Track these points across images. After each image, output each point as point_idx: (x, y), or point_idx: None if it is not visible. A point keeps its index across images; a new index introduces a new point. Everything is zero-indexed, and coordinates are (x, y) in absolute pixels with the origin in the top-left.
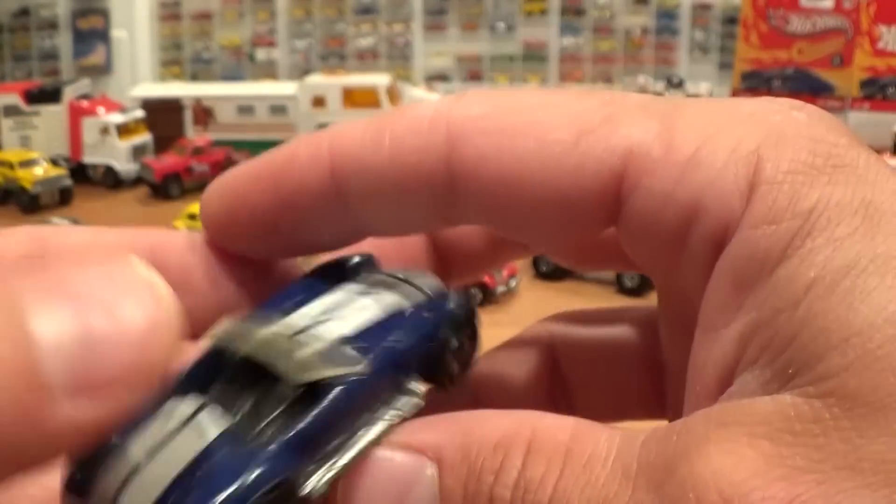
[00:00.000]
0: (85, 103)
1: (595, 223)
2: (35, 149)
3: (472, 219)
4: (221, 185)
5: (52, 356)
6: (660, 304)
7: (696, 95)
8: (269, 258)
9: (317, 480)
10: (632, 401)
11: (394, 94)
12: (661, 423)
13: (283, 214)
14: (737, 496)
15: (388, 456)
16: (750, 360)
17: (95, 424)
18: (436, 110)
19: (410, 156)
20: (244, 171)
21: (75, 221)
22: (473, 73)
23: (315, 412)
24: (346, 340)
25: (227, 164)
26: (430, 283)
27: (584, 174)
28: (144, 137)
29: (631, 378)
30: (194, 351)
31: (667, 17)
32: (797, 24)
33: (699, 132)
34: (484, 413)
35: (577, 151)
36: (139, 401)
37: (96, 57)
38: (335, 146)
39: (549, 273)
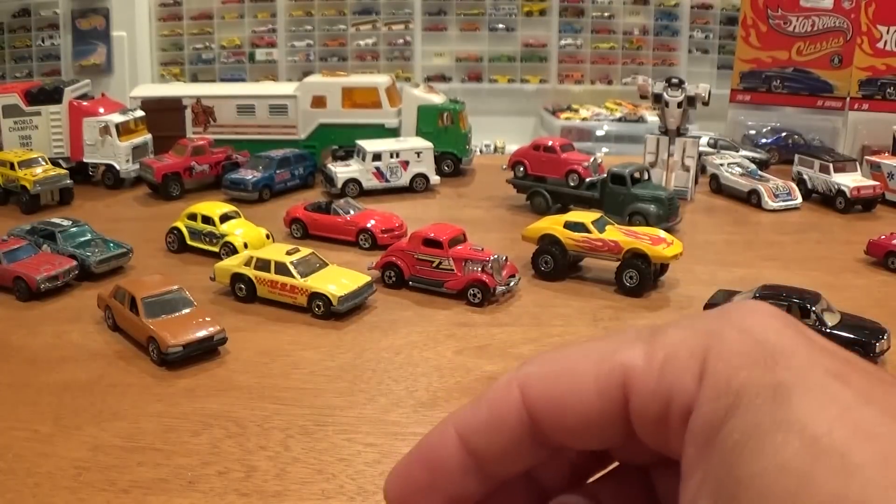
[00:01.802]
0: (85, 103)
1: (619, 424)
2: (35, 149)
3: (550, 439)
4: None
5: None
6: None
7: (695, 95)
8: None
9: None
10: None
11: (393, 94)
12: None
13: (443, 491)
14: None
15: None
16: (703, 499)
17: None
18: (510, 375)
19: (502, 410)
20: (404, 474)
21: (75, 221)
22: (473, 73)
23: None
24: None
25: (227, 163)
26: None
27: (603, 394)
28: (144, 137)
29: None
30: None
31: (667, 18)
32: (797, 24)
33: (669, 346)
34: None
35: (608, 382)
36: None
37: (96, 57)
38: (458, 425)
39: (549, 273)
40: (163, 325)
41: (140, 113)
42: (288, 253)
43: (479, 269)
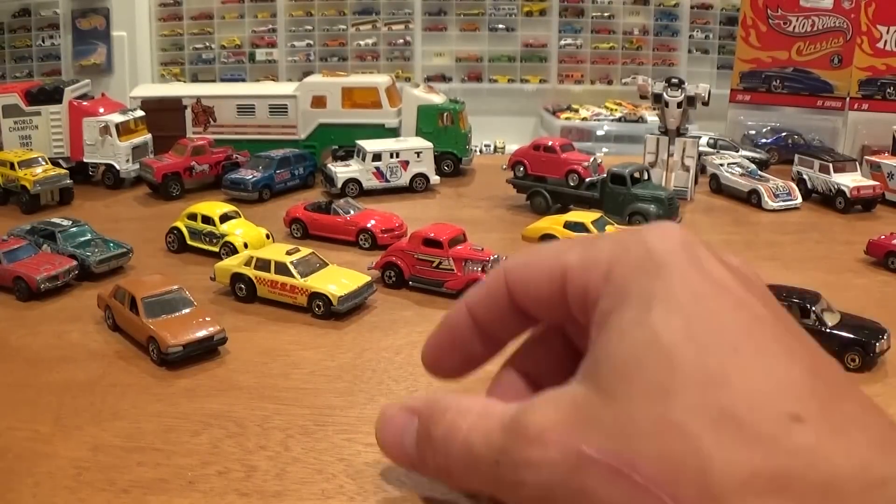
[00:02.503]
0: (85, 103)
1: (562, 305)
2: (35, 149)
3: (523, 310)
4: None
5: None
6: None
7: (695, 95)
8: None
9: None
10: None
11: (393, 94)
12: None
13: (460, 351)
14: (532, 424)
15: (395, 413)
16: (580, 373)
17: None
18: (500, 265)
19: (493, 288)
20: (434, 338)
21: (75, 221)
22: (473, 73)
23: None
24: None
25: (227, 163)
26: None
27: (552, 282)
28: (144, 137)
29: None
30: None
31: (667, 18)
32: (796, 24)
33: (595, 252)
34: (441, 396)
35: (554, 273)
36: None
37: (96, 57)
38: (467, 300)
39: None
40: (163, 325)
41: (140, 113)
42: (288, 253)
43: (479, 269)
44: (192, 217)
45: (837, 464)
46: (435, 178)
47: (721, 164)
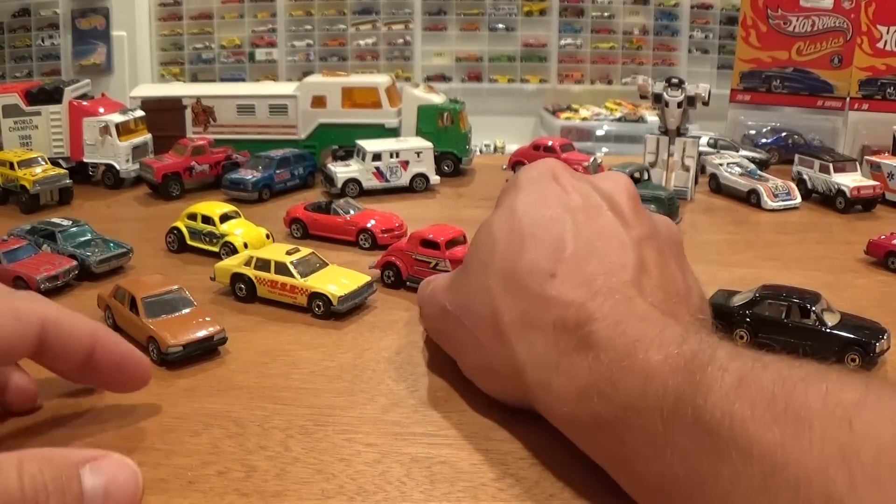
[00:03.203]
0: (85, 103)
1: None
2: (35, 149)
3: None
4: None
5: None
6: None
7: (695, 95)
8: None
9: None
10: None
11: (393, 94)
12: None
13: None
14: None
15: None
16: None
17: None
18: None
19: None
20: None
21: (75, 221)
22: (473, 73)
23: None
24: None
25: (227, 163)
26: None
27: None
28: (144, 137)
29: None
30: None
31: (667, 18)
32: (796, 24)
33: (520, 205)
34: None
35: None
36: None
37: (96, 57)
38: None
39: None
40: (163, 325)
41: (140, 113)
42: (288, 253)
43: None
44: (192, 217)
45: (567, 302)
46: (435, 178)
47: (720, 164)
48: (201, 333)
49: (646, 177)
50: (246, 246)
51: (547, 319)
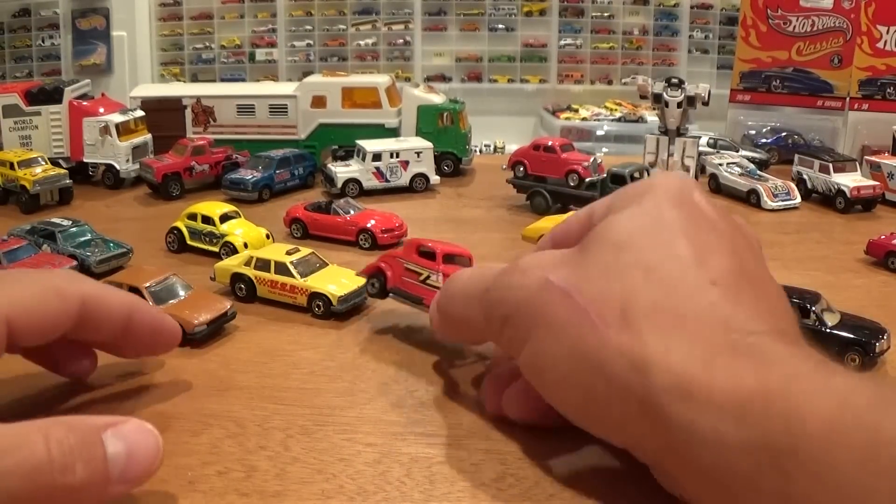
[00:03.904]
0: (85, 103)
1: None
2: (35, 149)
3: None
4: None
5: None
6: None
7: (695, 95)
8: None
9: None
10: None
11: (393, 94)
12: None
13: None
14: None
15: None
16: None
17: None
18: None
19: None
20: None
21: (75, 221)
22: (473, 73)
23: None
24: None
25: (227, 163)
26: None
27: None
28: (144, 137)
29: None
30: None
31: (666, 18)
32: (796, 24)
33: (665, 208)
34: None
35: (581, 214)
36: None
37: (96, 57)
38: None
39: None
40: (178, 309)
41: (140, 113)
42: (288, 253)
43: None
44: (192, 217)
45: (729, 314)
46: (435, 178)
47: (720, 164)
48: (218, 310)
49: (646, 177)
50: (246, 246)
51: (701, 322)
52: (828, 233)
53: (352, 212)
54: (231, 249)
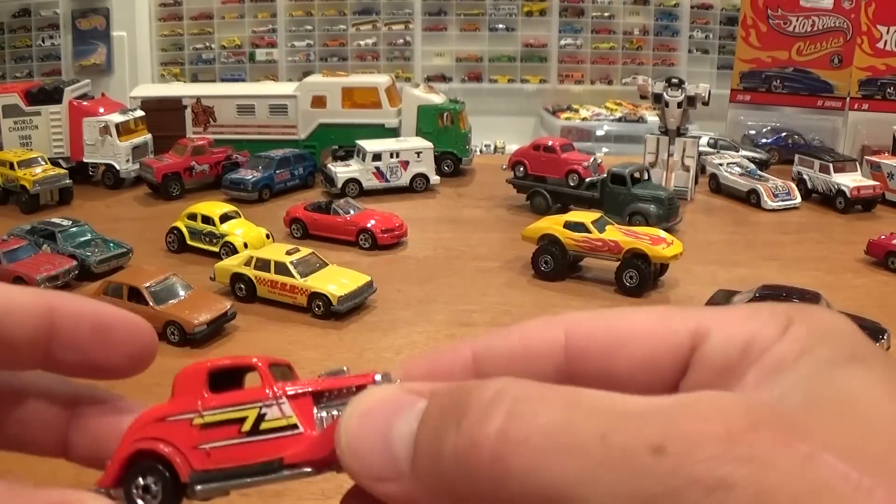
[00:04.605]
0: (85, 103)
1: (677, 366)
2: (35, 149)
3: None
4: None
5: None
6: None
7: (695, 95)
8: None
9: None
10: None
11: (393, 94)
12: None
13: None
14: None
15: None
16: (794, 396)
17: None
18: (549, 318)
19: (536, 342)
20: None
21: (75, 221)
22: (473, 73)
23: None
24: None
25: (227, 163)
26: None
27: (671, 335)
28: (144, 137)
29: None
30: None
31: (667, 18)
32: (796, 24)
33: (744, 309)
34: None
35: (663, 326)
36: None
37: (96, 57)
38: (476, 346)
39: (549, 273)
40: (178, 309)
41: (140, 113)
42: (288, 253)
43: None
44: (192, 217)
45: None
46: (435, 178)
47: (720, 164)
48: (218, 310)
49: (646, 177)
50: (246, 246)
51: None
52: (828, 233)
53: (352, 212)
54: (231, 249)
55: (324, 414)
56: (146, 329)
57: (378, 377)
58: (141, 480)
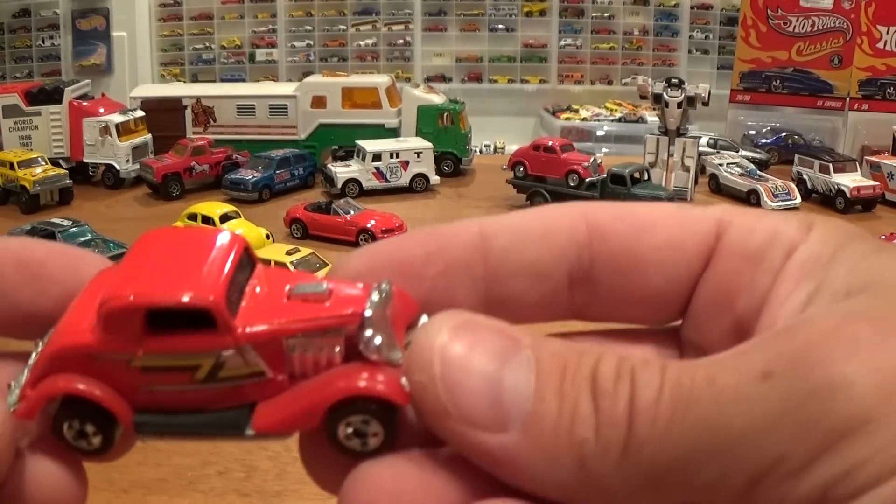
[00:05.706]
0: (85, 103)
1: (700, 257)
2: (35, 149)
3: (600, 271)
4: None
5: None
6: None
7: (695, 96)
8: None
9: None
10: (651, 310)
11: (393, 95)
12: None
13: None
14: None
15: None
16: (821, 301)
17: None
18: (567, 205)
19: (554, 222)
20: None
21: (75, 221)
22: (473, 73)
23: None
24: None
25: (227, 163)
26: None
27: (694, 224)
28: (144, 137)
29: (659, 294)
30: None
31: (666, 18)
32: (796, 24)
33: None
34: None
35: (681, 217)
36: None
37: (96, 57)
38: (485, 225)
39: None
40: None
41: (140, 113)
42: (288, 253)
43: (337, 348)
44: (192, 217)
45: None
46: (435, 179)
47: (720, 164)
48: None
49: (646, 177)
50: None
51: None
52: None
53: (352, 212)
54: None
55: (306, 347)
56: (91, 260)
57: (374, 295)
58: (76, 423)
